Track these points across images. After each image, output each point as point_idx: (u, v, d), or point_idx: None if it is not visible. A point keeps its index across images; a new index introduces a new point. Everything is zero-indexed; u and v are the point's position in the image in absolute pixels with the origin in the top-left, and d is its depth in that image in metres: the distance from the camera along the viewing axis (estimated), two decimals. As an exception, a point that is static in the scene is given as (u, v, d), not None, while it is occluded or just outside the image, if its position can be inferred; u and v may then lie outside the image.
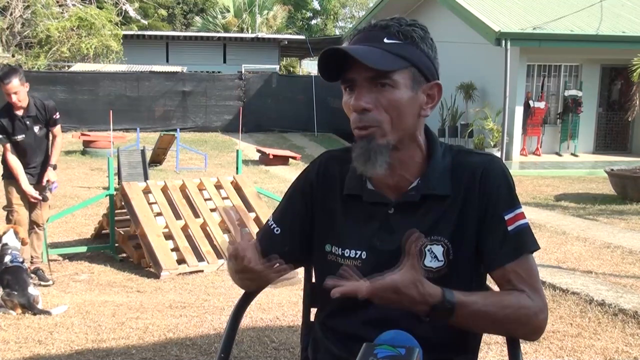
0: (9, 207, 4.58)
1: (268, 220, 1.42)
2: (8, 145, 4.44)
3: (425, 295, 1.11)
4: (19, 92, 4.26)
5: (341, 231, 1.31)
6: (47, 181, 4.58)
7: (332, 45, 1.20)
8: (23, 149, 4.50)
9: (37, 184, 4.61)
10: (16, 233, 4.15)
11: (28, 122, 4.44)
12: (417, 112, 1.23)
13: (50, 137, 4.66)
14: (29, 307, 3.79)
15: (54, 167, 4.64)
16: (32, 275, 4.59)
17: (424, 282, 1.12)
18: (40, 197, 4.56)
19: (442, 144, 1.31)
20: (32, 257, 4.68)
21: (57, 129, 4.64)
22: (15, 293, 3.79)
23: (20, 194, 4.54)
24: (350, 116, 1.22)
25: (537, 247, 1.25)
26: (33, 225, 4.69)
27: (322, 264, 1.34)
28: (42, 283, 4.58)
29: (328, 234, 1.33)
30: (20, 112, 4.39)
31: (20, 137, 4.44)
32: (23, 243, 4.23)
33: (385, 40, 1.19)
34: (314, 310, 1.46)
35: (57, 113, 4.61)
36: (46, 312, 3.79)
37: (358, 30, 1.25)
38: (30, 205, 4.64)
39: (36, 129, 4.49)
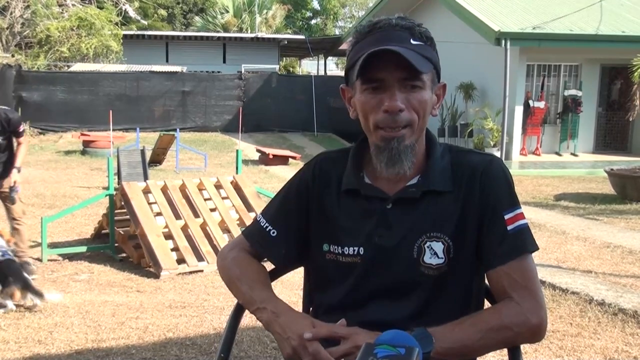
0: None
1: (259, 221, 1.40)
2: None
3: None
4: None
5: (339, 229, 1.30)
6: (14, 182, 4.57)
7: (375, 47, 1.15)
8: None
9: None
10: (1, 235, 4.21)
11: None
12: (430, 111, 1.26)
13: (15, 145, 4.70)
14: (26, 287, 3.82)
15: (19, 170, 4.66)
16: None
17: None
18: (8, 190, 4.56)
19: (440, 144, 1.33)
20: (16, 250, 4.68)
21: (23, 139, 4.72)
22: (12, 279, 3.83)
23: None
24: (375, 116, 1.21)
25: (536, 248, 1.25)
26: (12, 221, 4.73)
27: (320, 263, 1.34)
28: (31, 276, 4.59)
29: (326, 233, 1.32)
30: None
31: None
32: (8, 243, 4.27)
33: (412, 42, 1.20)
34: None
35: (21, 126, 4.70)
36: (40, 295, 3.82)
37: (373, 26, 1.22)
38: (1, 202, 4.70)
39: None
